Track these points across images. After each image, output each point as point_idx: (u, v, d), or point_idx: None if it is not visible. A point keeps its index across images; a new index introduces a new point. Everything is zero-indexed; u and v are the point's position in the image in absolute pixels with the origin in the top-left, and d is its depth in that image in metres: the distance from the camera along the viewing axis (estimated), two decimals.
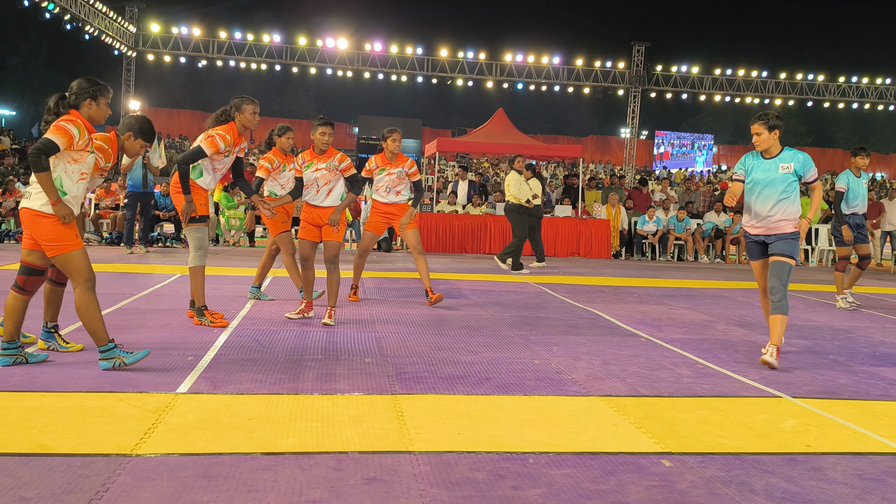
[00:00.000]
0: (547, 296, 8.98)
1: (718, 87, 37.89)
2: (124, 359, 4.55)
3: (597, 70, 36.98)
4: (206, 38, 34.13)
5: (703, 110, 58.54)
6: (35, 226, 4.44)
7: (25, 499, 2.73)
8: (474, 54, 35.95)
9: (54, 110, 4.55)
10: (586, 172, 32.27)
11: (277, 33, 34.52)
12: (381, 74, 35.92)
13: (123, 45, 33.31)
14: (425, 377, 4.75)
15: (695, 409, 4.28)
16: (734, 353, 5.99)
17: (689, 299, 9.21)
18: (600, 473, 3.23)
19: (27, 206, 4.47)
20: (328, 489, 2.93)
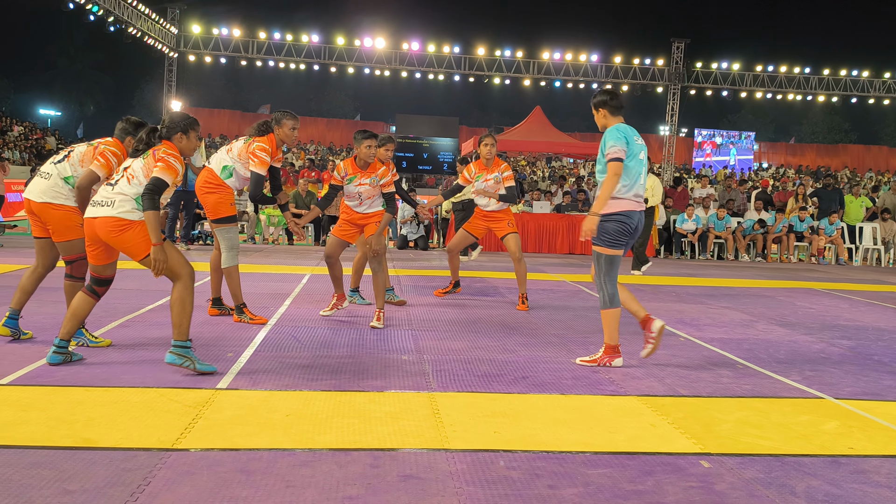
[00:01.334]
0: (584, 294, 8.92)
1: (760, 84, 37.29)
2: (195, 362, 4.52)
3: (635, 67, 36.62)
4: (245, 38, 34.50)
5: (744, 107, 57.69)
6: (120, 234, 4.44)
7: (69, 491, 2.79)
8: (511, 52, 35.82)
9: (146, 141, 4.64)
10: None
11: (316, 33, 34.74)
12: (418, 73, 35.95)
13: (165, 46, 33.80)
14: (461, 375, 4.75)
15: (734, 410, 4.23)
16: (775, 353, 5.90)
17: (730, 298, 9.09)
18: (638, 473, 3.20)
19: (108, 214, 4.42)
20: (365, 486, 2.95)
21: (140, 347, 5.19)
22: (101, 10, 27.57)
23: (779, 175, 40.35)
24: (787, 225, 16.22)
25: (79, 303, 4.64)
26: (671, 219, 16.19)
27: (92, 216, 4.49)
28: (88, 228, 4.53)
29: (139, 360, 4.82)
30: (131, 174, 4.53)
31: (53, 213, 5.01)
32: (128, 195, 4.46)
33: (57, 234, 5.06)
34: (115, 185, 4.52)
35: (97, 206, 4.49)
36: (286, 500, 2.80)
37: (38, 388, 4.10)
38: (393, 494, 2.88)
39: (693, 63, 37.09)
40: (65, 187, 5.05)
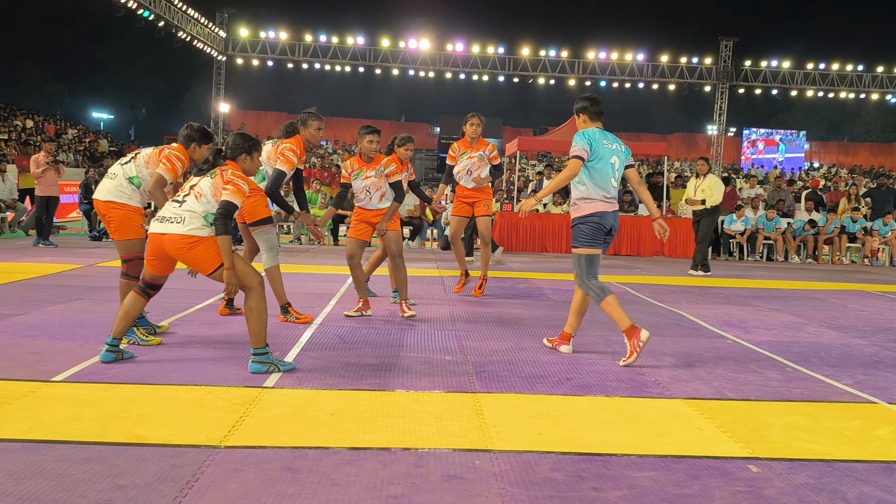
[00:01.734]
0: (630, 296, 8.85)
1: (811, 82, 36.58)
2: (279, 365, 4.62)
3: (682, 66, 36.20)
4: (292, 41, 34.90)
5: (794, 106, 56.63)
6: (190, 250, 4.53)
7: (121, 486, 2.86)
8: (556, 52, 35.69)
9: (212, 161, 4.75)
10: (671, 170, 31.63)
11: (361, 35, 35.02)
12: (462, 74, 36.04)
13: (214, 49, 34.36)
14: (505, 376, 4.75)
15: (784, 414, 4.16)
16: (826, 356, 5.78)
17: (779, 300, 8.93)
18: (684, 477, 3.17)
19: (178, 231, 4.52)
20: (409, 485, 2.97)
21: (189, 346, 5.28)
22: (152, 14, 28.14)
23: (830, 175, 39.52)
24: (838, 226, 15.88)
25: (130, 303, 4.75)
26: (719, 219, 15.95)
27: (160, 232, 4.58)
28: (155, 243, 4.62)
29: (188, 358, 4.91)
30: (199, 192, 4.62)
31: (115, 212, 5.22)
32: (197, 212, 4.56)
33: (117, 233, 5.25)
34: (183, 202, 4.61)
35: (165, 223, 4.57)
36: (331, 498, 2.83)
37: (91, 385, 4.21)
38: (437, 494, 2.89)
39: (742, 61, 36.52)
40: (128, 187, 5.24)
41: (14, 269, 9.08)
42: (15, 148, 21.93)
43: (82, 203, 15.59)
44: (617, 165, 5.39)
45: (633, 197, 16.84)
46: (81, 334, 5.49)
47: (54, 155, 12.71)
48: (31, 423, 3.52)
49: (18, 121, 30.15)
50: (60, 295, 7.19)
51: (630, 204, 16.29)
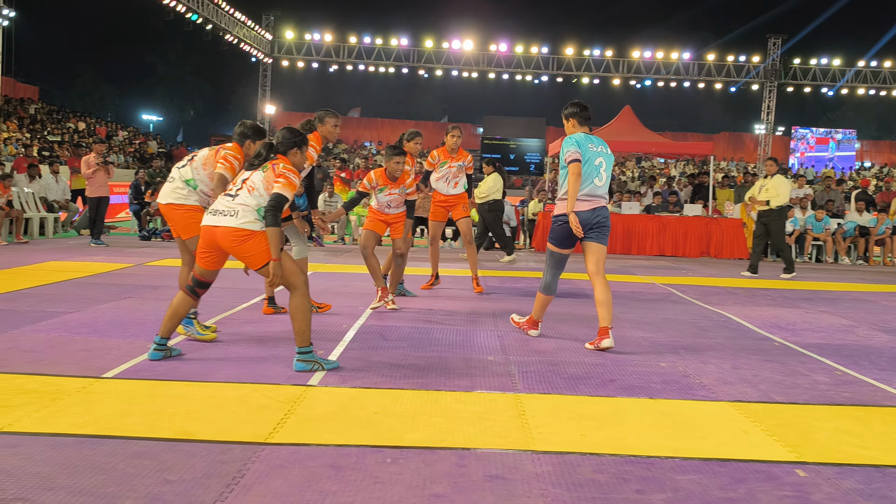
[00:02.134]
0: (674, 297, 8.75)
1: (862, 80, 35.80)
2: (322, 364, 4.68)
3: (729, 65, 35.70)
4: (336, 43, 35.21)
5: (844, 104, 55.40)
6: (242, 243, 4.60)
7: (169, 481, 2.92)
8: (601, 52, 35.46)
9: (264, 156, 4.84)
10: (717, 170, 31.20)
11: (405, 37, 35.18)
12: (505, 75, 36.01)
13: (260, 51, 34.82)
14: (548, 377, 4.74)
15: (832, 418, 4.08)
16: (877, 359, 5.65)
17: (828, 302, 8.76)
18: (729, 481, 3.13)
19: (232, 224, 4.59)
20: (451, 484, 2.98)
21: (234, 344, 5.37)
22: (200, 18, 28.60)
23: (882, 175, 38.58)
24: (890, 226, 15.50)
25: (179, 303, 4.83)
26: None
27: (213, 224, 4.64)
28: (208, 235, 4.68)
29: (234, 356, 4.99)
30: (251, 186, 4.68)
31: (176, 213, 5.42)
32: (250, 206, 4.62)
33: (182, 232, 5.44)
34: (236, 196, 4.68)
35: (218, 216, 4.64)
36: (374, 496, 2.85)
37: (141, 381, 4.30)
38: (479, 494, 2.90)
39: (790, 59, 35.88)
40: (185, 188, 5.43)
41: (67, 268, 9.31)
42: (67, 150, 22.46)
43: (132, 203, 15.90)
44: (603, 167, 5.74)
45: (679, 197, 16.66)
46: (131, 332, 5.61)
47: (104, 156, 12.98)
48: (82, 418, 3.61)
49: (71, 123, 30.90)
50: (111, 293, 7.36)
51: (675, 204, 16.10)
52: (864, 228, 15.43)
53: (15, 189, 13.63)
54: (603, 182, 5.74)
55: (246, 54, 34.66)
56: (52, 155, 21.84)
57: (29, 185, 14.62)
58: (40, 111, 30.67)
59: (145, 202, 15.56)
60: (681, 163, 36.38)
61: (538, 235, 15.32)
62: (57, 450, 3.19)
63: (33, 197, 14.37)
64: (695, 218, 15.42)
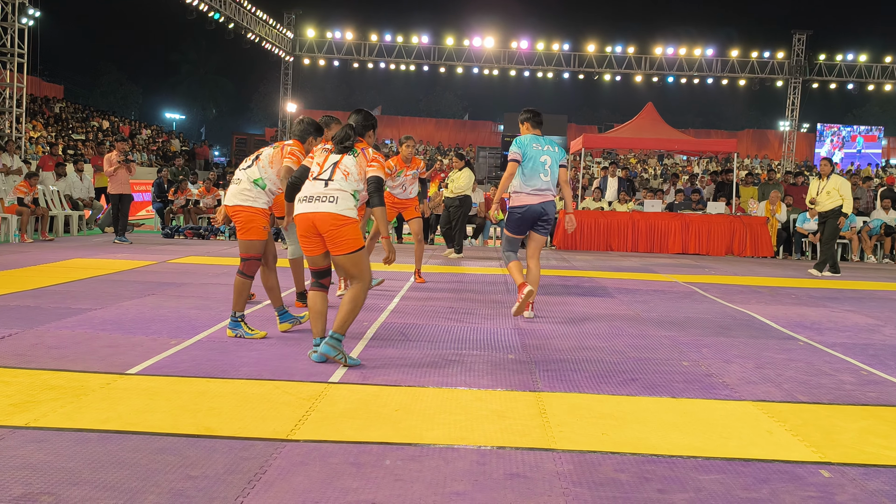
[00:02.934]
0: (697, 295, 8.69)
1: (889, 76, 35.29)
2: (346, 357, 4.72)
3: (753, 61, 35.35)
4: (357, 41, 35.27)
5: (870, 101, 54.74)
6: (340, 228, 4.70)
7: (192, 476, 2.94)
8: (623, 48, 35.24)
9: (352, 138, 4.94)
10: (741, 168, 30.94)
11: (426, 34, 35.16)
12: (526, 72, 35.87)
13: (281, 50, 34.95)
14: (568, 375, 4.72)
15: (858, 418, 4.03)
16: None
17: (854, 301, 8.66)
18: (752, 481, 3.10)
19: (332, 210, 4.68)
20: (471, 482, 2.98)
21: (257, 341, 5.39)
22: (222, 16, 28.76)
23: None
24: None
25: (315, 302, 4.92)
26: (791, 218, 15.54)
27: (311, 211, 4.73)
28: (306, 222, 4.77)
29: (256, 353, 5.01)
30: (346, 171, 4.81)
31: (240, 214, 5.56)
32: (347, 191, 4.77)
33: (241, 232, 5.58)
34: (330, 181, 4.76)
35: (315, 202, 4.73)
36: (395, 493, 2.86)
37: (164, 378, 4.33)
38: (499, 492, 2.90)
39: (815, 55, 35.46)
40: (253, 189, 5.55)
41: (91, 265, 9.40)
42: (92, 148, 22.69)
43: (155, 201, 16.04)
44: (548, 164, 6.62)
45: (702, 195, 16.54)
46: (154, 328, 5.65)
47: (126, 154, 13.09)
48: (107, 413, 3.65)
49: (95, 121, 31.21)
50: (135, 290, 7.42)
51: (698, 202, 15.99)
52: (889, 227, 15.22)
53: (40, 187, 13.79)
54: (549, 178, 6.61)
55: (268, 52, 34.81)
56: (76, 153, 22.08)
57: (55, 184, 14.79)
58: (65, 110, 31.01)
59: (168, 200, 15.68)
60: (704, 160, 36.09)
61: (559, 233, 15.26)
62: (82, 445, 3.23)
63: (58, 195, 14.53)
64: (718, 216, 15.30)
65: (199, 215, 15.62)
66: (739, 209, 16.19)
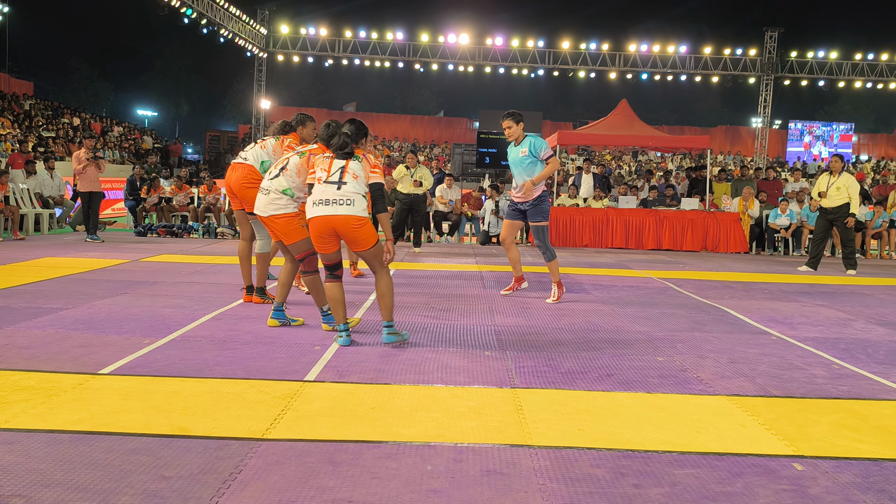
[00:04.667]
0: (671, 291, 8.75)
1: (859, 73, 35.77)
2: (403, 336, 5.37)
3: (726, 58, 35.67)
4: (332, 37, 35.12)
5: (841, 97, 55.47)
6: (358, 228, 5.08)
7: (166, 477, 2.91)
8: (597, 45, 35.40)
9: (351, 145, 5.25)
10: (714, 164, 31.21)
11: (401, 31, 35.09)
12: (501, 68, 35.92)
13: (255, 46, 34.72)
14: (545, 371, 4.73)
15: (830, 412, 4.08)
16: (874, 353, 5.66)
17: (826, 296, 8.77)
18: (726, 475, 3.13)
19: (351, 213, 5.03)
20: (448, 479, 2.98)
21: (231, 340, 5.35)
22: (195, 13, 28.49)
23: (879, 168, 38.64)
24: (887, 220, 15.52)
25: (334, 292, 5.31)
26: (763, 213, 15.71)
27: (330, 214, 5.05)
28: (324, 225, 5.09)
29: (231, 352, 4.97)
30: (355, 174, 5.14)
31: (277, 223, 5.71)
32: (360, 193, 5.10)
33: (285, 239, 5.75)
34: (344, 184, 5.07)
35: (333, 205, 5.04)
36: (371, 491, 2.85)
37: (137, 377, 4.29)
38: (476, 489, 2.90)
39: (787, 52, 35.85)
40: (283, 198, 5.70)
41: (62, 264, 9.28)
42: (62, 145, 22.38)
43: (128, 199, 15.87)
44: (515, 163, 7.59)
45: (675, 191, 16.66)
46: (127, 328, 5.59)
47: (94, 151, 12.93)
48: (79, 414, 3.61)
49: (66, 119, 30.80)
50: (107, 289, 7.34)
51: (672, 198, 16.10)
52: (860, 222, 15.43)
53: (11, 185, 13.59)
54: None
55: (241, 49, 34.57)
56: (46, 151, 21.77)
57: (24, 181, 14.58)
58: (35, 107, 30.57)
59: (141, 198, 15.52)
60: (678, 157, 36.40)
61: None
62: (53, 446, 3.18)
63: (29, 193, 14.33)
64: (692, 212, 15.43)
65: (172, 213, 15.48)
66: (713, 205, 16.34)
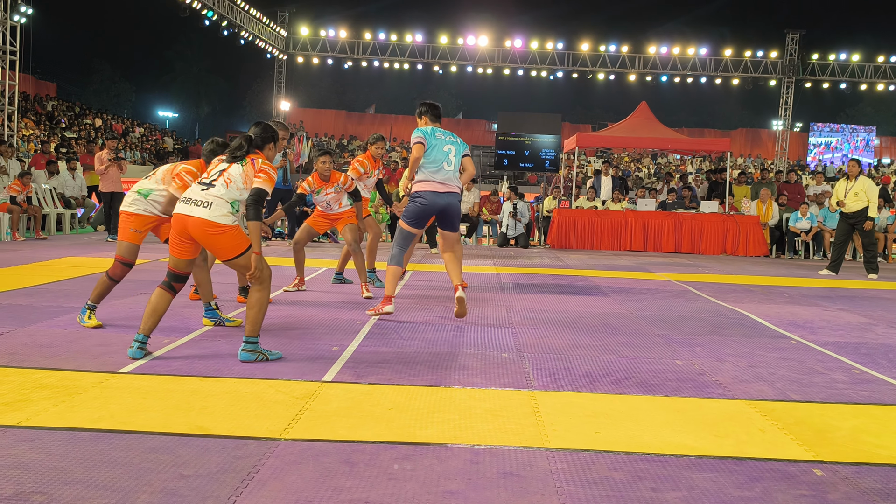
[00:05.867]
0: (690, 294, 8.71)
1: (881, 76, 35.39)
2: (267, 355, 4.74)
3: (747, 60, 35.42)
4: (351, 39, 35.22)
5: (863, 100, 54.89)
6: (213, 236, 4.62)
7: (185, 476, 2.93)
8: (616, 48, 35.26)
9: (246, 149, 4.86)
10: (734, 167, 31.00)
11: (420, 33, 35.12)
12: (520, 70, 35.86)
13: (275, 48, 34.88)
14: (562, 374, 4.72)
15: (850, 417, 4.05)
16: (895, 358, 5.61)
17: (846, 300, 8.69)
18: (745, 479, 3.11)
19: (205, 216, 4.59)
20: (465, 481, 2.98)
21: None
22: (216, 14, 28.68)
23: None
24: None
25: (159, 300, 4.80)
26: (783, 217, 15.58)
27: (186, 213, 4.63)
28: (180, 224, 4.67)
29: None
30: (229, 178, 4.70)
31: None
32: (224, 199, 4.65)
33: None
34: (211, 186, 4.67)
35: (191, 205, 4.63)
36: (388, 491, 2.85)
37: (156, 377, 4.32)
38: (493, 491, 2.90)
39: (809, 55, 35.53)
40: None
41: (83, 263, 9.37)
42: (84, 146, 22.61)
43: None
44: (452, 153, 6.40)
45: (694, 193, 16.57)
46: None
47: (116, 152, 13.04)
48: (99, 412, 3.64)
49: (88, 119, 31.09)
50: (127, 289, 7.40)
51: (691, 201, 16.02)
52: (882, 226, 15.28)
53: (33, 185, 13.74)
54: (451, 167, 6.36)
55: (261, 51, 34.73)
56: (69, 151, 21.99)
57: (47, 182, 14.73)
58: (58, 108, 30.88)
59: None
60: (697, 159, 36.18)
61: (553, 232, 15.29)
62: (74, 444, 3.21)
63: (51, 193, 14.48)
64: (711, 215, 15.34)
65: None
66: (733, 208, 16.24)
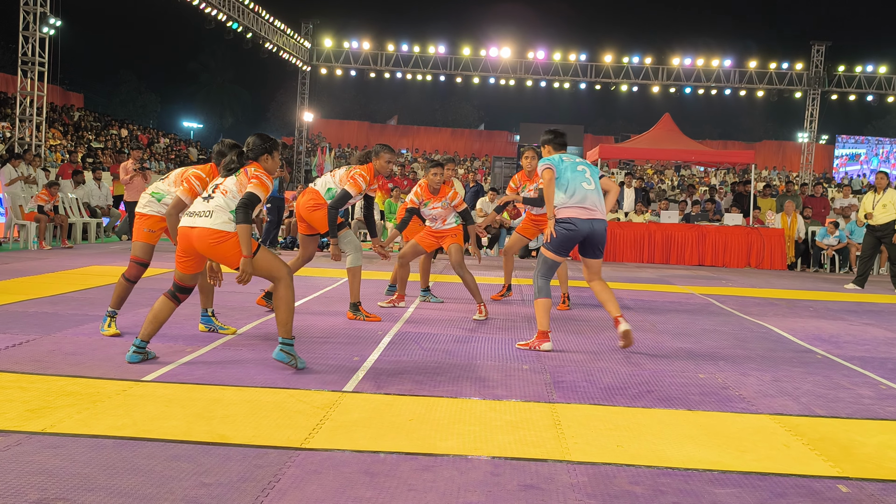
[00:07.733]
0: (714, 307, 8.64)
1: None
2: (298, 361, 4.77)
3: (771, 72, 35.18)
4: (374, 51, 35.40)
5: (890, 112, 54.32)
6: (216, 245, 4.68)
7: (206, 484, 2.94)
8: (640, 59, 35.15)
9: (238, 162, 4.93)
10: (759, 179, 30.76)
11: (443, 44, 35.23)
12: (543, 82, 35.85)
13: (299, 60, 35.13)
14: (583, 387, 4.70)
15: (876, 433, 3.99)
16: None
17: (873, 315, 8.58)
18: (769, 495, 3.07)
19: (206, 225, 4.66)
20: (485, 493, 2.96)
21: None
22: (241, 26, 28.95)
23: None
24: None
25: (161, 307, 4.87)
26: (810, 230, 15.43)
27: (189, 226, 4.74)
28: (185, 239, 4.76)
29: (271, 361, 5.01)
30: (225, 189, 4.79)
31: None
32: (224, 207, 4.72)
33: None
34: (211, 198, 4.78)
35: (194, 217, 4.74)
36: (408, 502, 2.85)
37: (179, 385, 4.35)
38: (513, 503, 2.88)
39: (835, 66, 35.21)
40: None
41: (108, 272, 9.46)
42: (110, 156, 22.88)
43: None
44: (587, 172, 5.84)
45: (719, 206, 16.46)
46: (169, 336, 5.68)
47: (142, 162, 13.18)
48: (122, 420, 3.67)
49: (114, 130, 31.47)
50: (150, 298, 7.45)
51: (715, 213, 15.91)
52: None
53: (60, 195, 13.92)
54: (593, 186, 5.80)
55: (285, 62, 34.99)
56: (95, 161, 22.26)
57: (73, 191, 14.92)
58: (84, 118, 31.28)
59: None
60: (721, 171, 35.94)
61: None
62: (97, 451, 3.24)
63: (77, 202, 14.66)
64: (735, 228, 15.22)
65: None
66: (757, 221, 16.11)
